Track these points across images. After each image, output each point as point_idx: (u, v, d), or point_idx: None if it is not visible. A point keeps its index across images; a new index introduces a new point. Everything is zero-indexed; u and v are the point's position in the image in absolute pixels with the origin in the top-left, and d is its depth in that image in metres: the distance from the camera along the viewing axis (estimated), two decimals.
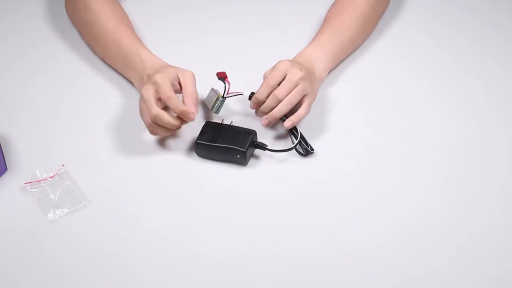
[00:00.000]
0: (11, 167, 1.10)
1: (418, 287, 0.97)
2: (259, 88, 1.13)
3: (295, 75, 1.12)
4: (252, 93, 1.15)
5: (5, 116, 1.18)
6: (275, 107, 1.12)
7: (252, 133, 1.11)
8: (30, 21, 1.36)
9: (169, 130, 1.11)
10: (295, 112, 1.13)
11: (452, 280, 0.97)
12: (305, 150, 1.11)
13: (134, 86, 1.20)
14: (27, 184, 1.07)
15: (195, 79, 1.11)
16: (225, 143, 1.09)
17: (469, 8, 1.40)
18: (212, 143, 1.09)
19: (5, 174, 1.09)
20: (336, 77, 1.24)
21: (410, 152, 1.13)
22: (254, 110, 1.15)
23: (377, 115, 1.19)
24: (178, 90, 1.11)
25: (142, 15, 1.32)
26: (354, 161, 1.12)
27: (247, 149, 1.09)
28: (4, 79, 1.25)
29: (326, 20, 1.25)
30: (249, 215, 1.05)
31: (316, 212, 1.05)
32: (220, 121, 1.13)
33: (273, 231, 1.03)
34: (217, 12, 1.38)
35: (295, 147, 1.11)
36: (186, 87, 1.10)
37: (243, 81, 1.19)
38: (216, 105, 1.15)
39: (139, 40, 1.21)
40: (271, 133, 1.15)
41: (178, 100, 1.08)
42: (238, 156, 1.09)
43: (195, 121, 1.09)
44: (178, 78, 1.11)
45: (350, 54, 1.27)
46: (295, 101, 1.12)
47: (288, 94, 1.11)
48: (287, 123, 1.12)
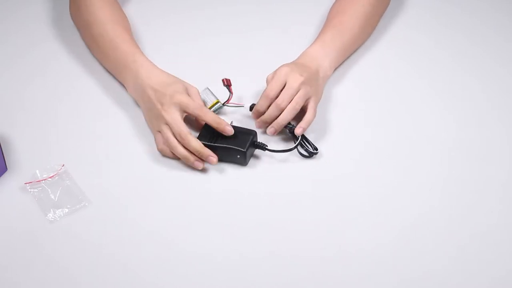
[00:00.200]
0: (11, 167, 1.10)
1: (418, 287, 0.97)
2: (259, 100, 1.13)
3: (295, 81, 1.11)
4: (253, 105, 1.15)
5: (5, 116, 1.18)
6: (278, 115, 1.11)
7: (253, 133, 1.11)
8: (30, 21, 1.36)
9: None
10: (301, 116, 1.12)
11: (452, 280, 0.97)
12: (308, 152, 1.11)
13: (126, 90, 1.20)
14: (27, 184, 1.07)
15: (199, 98, 1.12)
16: (225, 143, 1.09)
17: (469, 8, 1.40)
18: (212, 143, 1.09)
19: (5, 174, 1.09)
20: (337, 77, 1.24)
21: (410, 152, 1.13)
22: (256, 121, 1.14)
23: (377, 115, 1.19)
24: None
25: (142, 15, 1.32)
26: (354, 161, 1.12)
27: (247, 149, 1.09)
28: (4, 79, 1.25)
29: (328, 20, 1.25)
30: (249, 215, 1.05)
31: (316, 212, 1.05)
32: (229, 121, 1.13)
33: (273, 231, 1.03)
34: (217, 12, 1.38)
35: (295, 147, 1.11)
36: (199, 117, 1.10)
37: (243, 81, 1.19)
38: (214, 108, 1.16)
39: (135, 45, 1.19)
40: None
41: (200, 145, 1.08)
42: (238, 156, 1.09)
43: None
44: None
45: (352, 54, 1.27)
46: (299, 107, 1.12)
47: (291, 101, 1.11)
48: (298, 130, 1.11)
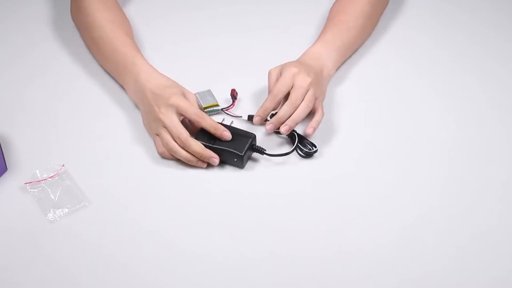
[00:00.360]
0: (11, 167, 1.10)
1: (418, 287, 0.97)
2: (267, 99, 1.12)
3: (304, 81, 1.11)
4: (250, 116, 1.15)
5: (5, 116, 1.18)
6: (291, 114, 1.11)
7: (251, 136, 1.10)
8: (30, 21, 1.36)
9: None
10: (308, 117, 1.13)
11: (452, 280, 0.97)
12: (306, 152, 1.11)
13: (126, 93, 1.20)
14: (27, 184, 1.07)
15: (196, 105, 1.13)
16: (223, 145, 1.09)
17: (469, 8, 1.40)
18: (210, 144, 1.09)
19: (5, 174, 1.09)
20: (337, 77, 1.24)
21: (410, 152, 1.13)
22: (267, 126, 1.12)
23: (377, 115, 1.19)
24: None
25: (142, 15, 1.32)
26: (354, 161, 1.12)
27: (244, 153, 1.08)
28: (4, 79, 1.25)
29: (329, 20, 1.26)
30: (249, 215, 1.05)
31: (316, 212, 1.05)
32: (220, 121, 1.12)
33: (273, 231, 1.03)
34: (217, 12, 1.38)
35: (294, 150, 1.11)
36: (197, 122, 1.09)
37: (243, 81, 1.19)
38: (211, 109, 1.16)
39: (135, 48, 1.19)
40: (272, 135, 1.15)
41: (201, 146, 1.07)
42: (236, 159, 1.09)
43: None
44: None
45: (353, 54, 1.27)
46: (311, 105, 1.12)
47: (303, 100, 1.11)
48: (310, 130, 1.11)
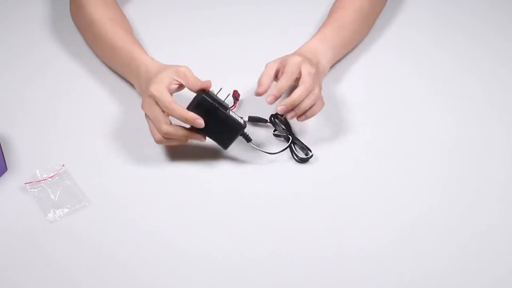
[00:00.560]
0: (11, 167, 1.10)
1: (418, 287, 0.97)
2: (280, 82, 1.09)
3: (311, 69, 1.10)
4: (251, 117, 1.15)
5: (5, 116, 1.18)
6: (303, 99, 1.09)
7: (240, 129, 1.08)
8: (30, 21, 1.36)
9: (182, 141, 1.09)
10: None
11: (452, 280, 0.97)
12: (301, 158, 1.11)
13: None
14: (27, 184, 1.07)
15: (191, 71, 1.09)
16: (211, 131, 1.07)
17: (469, 8, 1.40)
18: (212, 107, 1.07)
19: (5, 174, 1.09)
20: (337, 77, 1.24)
21: (410, 152, 1.13)
22: (280, 107, 1.09)
23: (377, 115, 1.19)
24: (178, 88, 1.09)
25: (141, 15, 1.32)
26: (354, 161, 1.12)
27: (228, 146, 1.09)
28: (4, 79, 1.25)
29: (329, 16, 1.26)
30: (249, 215, 1.05)
31: (316, 212, 1.05)
32: (216, 92, 1.09)
33: (273, 231, 1.03)
34: (216, 13, 1.38)
35: (287, 147, 1.11)
36: (187, 82, 1.07)
37: (242, 81, 1.19)
38: None
39: (134, 44, 1.18)
40: (270, 137, 1.15)
41: (181, 109, 1.05)
42: (230, 134, 1.08)
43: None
44: (175, 79, 1.08)
45: (350, 51, 1.27)
46: (320, 95, 1.11)
47: (314, 89, 1.10)
48: (301, 117, 1.10)
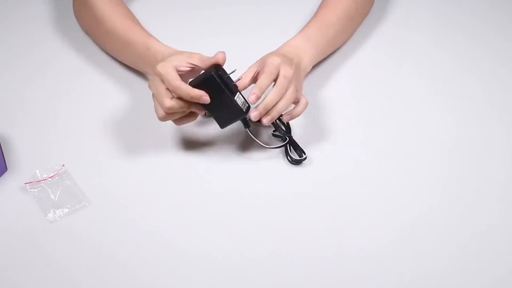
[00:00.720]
0: (11, 167, 1.10)
1: (418, 287, 0.97)
2: (259, 81, 1.07)
3: (288, 72, 1.08)
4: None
5: (5, 116, 1.18)
6: (276, 102, 1.07)
7: (240, 115, 1.07)
8: (30, 21, 1.37)
9: (190, 117, 1.08)
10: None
11: (452, 280, 0.97)
12: (295, 160, 1.11)
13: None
14: (27, 184, 1.07)
15: (204, 57, 1.08)
16: (211, 108, 1.07)
17: (469, 8, 1.40)
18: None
19: (5, 174, 1.09)
20: (337, 77, 1.25)
21: (410, 152, 1.13)
22: (252, 114, 1.08)
23: (377, 115, 1.19)
24: (189, 73, 1.08)
25: (141, 15, 1.32)
26: (354, 161, 1.12)
27: (224, 126, 1.09)
28: (4, 79, 1.25)
29: (315, 14, 1.25)
30: (249, 215, 1.05)
31: (316, 212, 1.05)
32: (230, 72, 1.07)
33: (273, 231, 1.03)
34: (216, 13, 1.38)
35: (282, 146, 1.11)
36: (201, 61, 1.07)
37: None
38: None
39: (147, 34, 1.18)
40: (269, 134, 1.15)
41: (186, 86, 1.04)
42: (217, 122, 1.08)
43: None
44: (187, 62, 1.07)
45: (334, 52, 1.27)
46: (294, 97, 1.09)
47: (288, 91, 1.08)
48: (286, 117, 1.09)
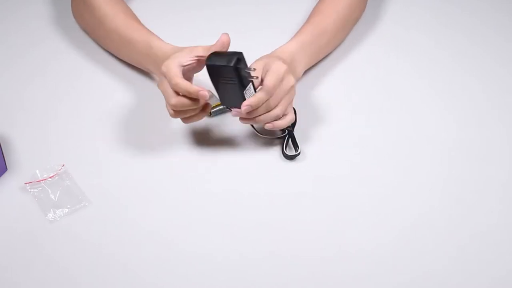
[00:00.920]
0: (11, 167, 1.10)
1: (418, 287, 0.97)
2: (260, 93, 1.06)
3: (290, 81, 1.07)
4: None
5: (5, 116, 1.18)
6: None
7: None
8: (30, 21, 1.37)
9: (198, 115, 1.08)
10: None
11: (452, 280, 0.97)
12: (289, 156, 1.10)
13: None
14: (27, 184, 1.07)
15: (207, 46, 1.08)
16: (220, 89, 1.07)
17: (469, 8, 1.40)
18: (212, 80, 1.07)
19: (5, 174, 1.09)
20: (336, 77, 1.25)
21: (410, 152, 1.13)
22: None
23: (377, 115, 1.19)
24: (194, 67, 1.08)
25: (141, 16, 1.32)
26: (354, 161, 1.12)
27: (226, 106, 1.10)
28: (4, 79, 1.25)
29: (309, 20, 1.24)
30: (249, 215, 1.05)
31: (316, 212, 1.05)
32: (249, 68, 1.05)
33: (273, 231, 1.03)
34: (216, 13, 1.38)
35: (280, 137, 1.11)
36: (207, 49, 1.07)
37: None
38: (217, 108, 1.16)
39: (149, 32, 1.19)
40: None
41: (185, 83, 1.04)
42: (220, 100, 1.09)
43: None
44: (192, 56, 1.07)
45: (324, 58, 1.26)
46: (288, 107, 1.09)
47: (284, 99, 1.07)
48: (269, 125, 1.08)
